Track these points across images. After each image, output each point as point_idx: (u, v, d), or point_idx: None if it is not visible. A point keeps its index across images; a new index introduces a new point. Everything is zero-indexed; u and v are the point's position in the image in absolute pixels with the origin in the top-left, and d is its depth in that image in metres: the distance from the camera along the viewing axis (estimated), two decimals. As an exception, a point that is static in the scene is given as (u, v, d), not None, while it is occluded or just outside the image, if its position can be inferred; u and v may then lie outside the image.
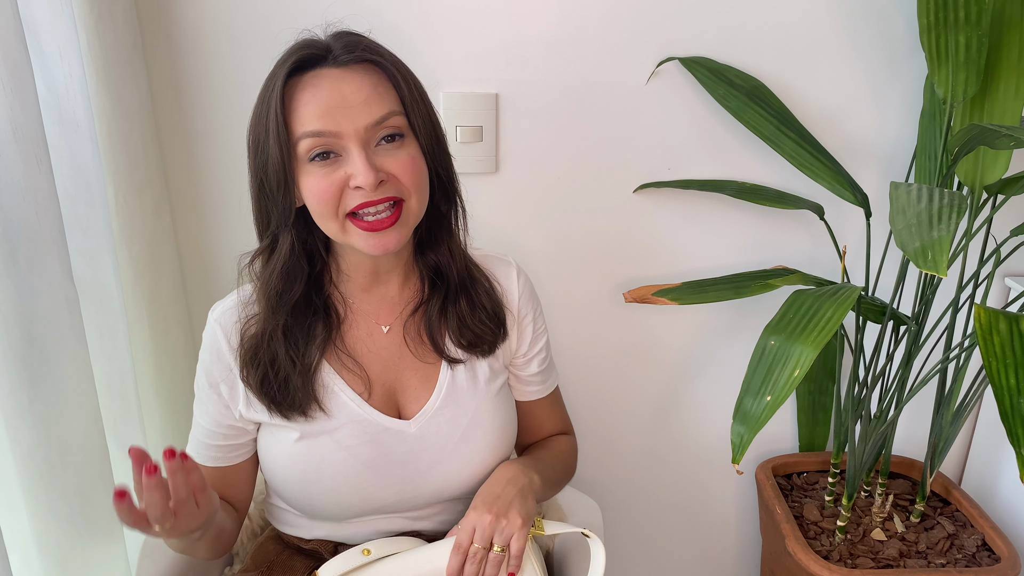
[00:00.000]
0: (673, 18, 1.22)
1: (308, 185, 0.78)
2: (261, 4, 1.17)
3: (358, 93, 0.77)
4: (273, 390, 0.84)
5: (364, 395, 0.88)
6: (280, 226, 0.81)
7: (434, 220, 0.89)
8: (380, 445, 0.88)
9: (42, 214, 0.84)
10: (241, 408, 0.88)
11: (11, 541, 0.89)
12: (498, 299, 0.93)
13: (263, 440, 0.91)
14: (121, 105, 1.05)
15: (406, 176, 0.79)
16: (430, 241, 0.90)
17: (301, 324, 0.85)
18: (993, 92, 1.11)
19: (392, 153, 0.79)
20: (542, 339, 0.99)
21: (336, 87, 0.77)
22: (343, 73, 0.78)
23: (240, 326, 0.86)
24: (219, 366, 0.87)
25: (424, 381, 0.91)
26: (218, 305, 0.89)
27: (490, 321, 0.91)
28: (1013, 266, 1.38)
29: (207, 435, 0.90)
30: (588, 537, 0.84)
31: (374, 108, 0.77)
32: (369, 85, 0.78)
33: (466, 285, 0.91)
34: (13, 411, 0.84)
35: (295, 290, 0.84)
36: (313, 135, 0.76)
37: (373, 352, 0.90)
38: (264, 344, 0.84)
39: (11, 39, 0.79)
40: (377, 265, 0.87)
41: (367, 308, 0.90)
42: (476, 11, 1.20)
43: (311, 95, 0.77)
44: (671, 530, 1.60)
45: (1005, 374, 0.85)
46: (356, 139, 0.76)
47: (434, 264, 0.90)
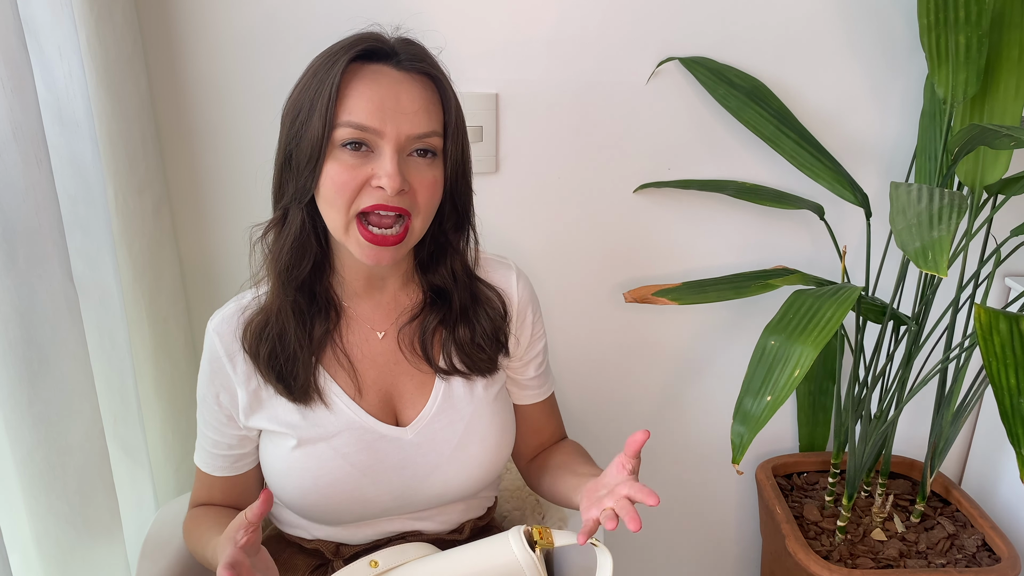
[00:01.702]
0: (673, 18, 1.22)
1: (332, 170, 0.78)
2: (261, 4, 1.17)
3: (413, 102, 0.78)
4: (280, 363, 0.85)
5: (355, 398, 0.88)
6: (293, 201, 0.81)
7: (439, 245, 0.89)
8: (377, 452, 0.88)
9: (42, 214, 0.84)
10: (241, 416, 0.88)
11: (11, 541, 0.89)
12: (500, 321, 0.92)
13: (262, 448, 0.91)
14: (121, 105, 1.05)
15: (424, 195, 0.80)
16: (432, 263, 0.89)
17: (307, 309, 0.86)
18: (993, 92, 1.11)
19: (420, 168, 0.79)
20: (539, 343, 0.98)
21: (394, 88, 0.77)
22: (404, 77, 0.79)
23: (244, 325, 0.87)
24: (218, 375, 0.87)
25: (420, 388, 0.90)
26: (217, 314, 0.89)
27: (489, 347, 0.91)
28: (1013, 266, 1.38)
29: (213, 445, 0.91)
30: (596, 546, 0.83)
31: (422, 121, 0.78)
32: (424, 98, 0.79)
33: (467, 311, 0.90)
34: (13, 411, 0.84)
35: (304, 266, 0.84)
36: (358, 127, 0.76)
37: (369, 358, 0.90)
38: (273, 318, 0.84)
39: (11, 39, 0.79)
40: (371, 270, 0.87)
41: (362, 313, 0.90)
42: (476, 11, 1.20)
43: (368, 87, 0.77)
44: (671, 530, 1.60)
45: (1005, 374, 0.85)
46: (394, 143, 0.77)
47: (437, 284, 0.90)
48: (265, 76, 1.20)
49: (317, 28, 1.18)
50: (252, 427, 0.89)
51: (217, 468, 0.92)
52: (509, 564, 0.81)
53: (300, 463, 0.86)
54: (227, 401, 0.88)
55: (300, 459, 0.86)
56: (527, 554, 0.81)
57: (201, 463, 0.94)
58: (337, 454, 0.86)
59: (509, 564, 0.81)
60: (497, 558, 0.82)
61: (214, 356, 0.87)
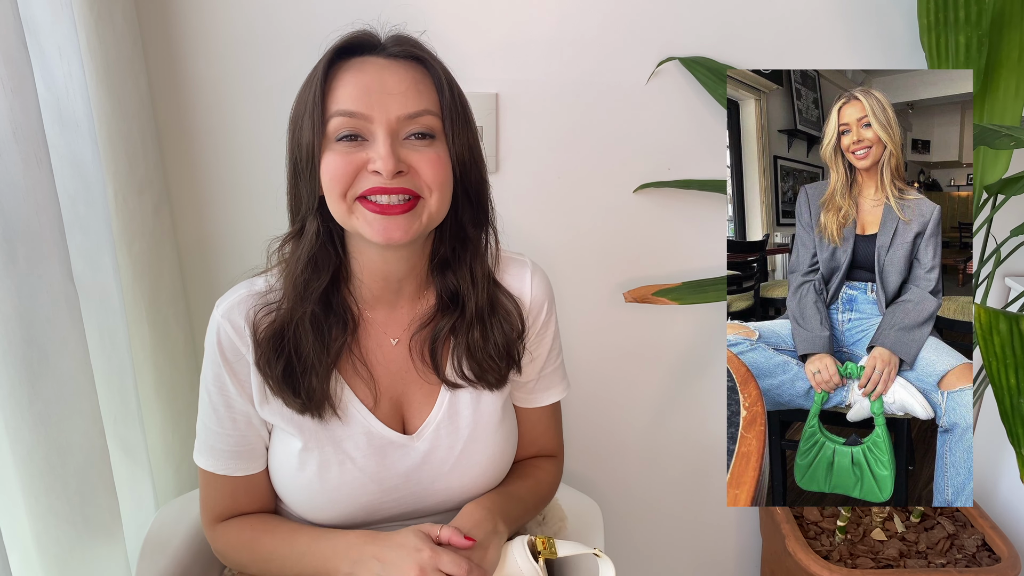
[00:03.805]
0: (673, 18, 1.22)
1: (327, 162, 0.77)
2: (261, 4, 1.17)
3: (399, 84, 0.77)
4: (295, 380, 0.82)
5: (370, 406, 0.87)
6: (308, 210, 0.80)
7: (459, 241, 0.86)
8: (384, 458, 0.87)
9: (42, 214, 0.84)
10: (257, 405, 0.85)
11: (11, 541, 0.89)
12: (515, 337, 0.90)
13: (271, 446, 0.89)
14: (121, 105, 1.05)
15: (428, 172, 0.78)
16: (452, 261, 0.87)
17: (324, 321, 0.84)
18: (993, 92, 1.11)
19: (418, 149, 0.78)
20: (544, 344, 0.96)
21: (378, 73, 0.77)
22: (389, 63, 0.79)
23: (255, 316, 0.83)
24: (238, 363, 0.84)
25: (427, 396, 0.90)
26: (223, 301, 0.85)
27: (499, 359, 0.88)
28: (1013, 266, 1.38)
29: (230, 442, 0.87)
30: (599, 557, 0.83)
31: (411, 101, 0.77)
32: (411, 79, 0.78)
33: (483, 316, 0.87)
34: (13, 411, 0.84)
35: (322, 279, 0.82)
36: (345, 114, 0.76)
37: (382, 364, 0.88)
38: (290, 332, 0.82)
39: (11, 39, 0.79)
40: (387, 266, 0.84)
41: (379, 319, 0.88)
42: (476, 11, 1.20)
43: (352, 77, 0.77)
44: (671, 530, 1.60)
45: (1005, 374, 0.85)
46: (385, 126, 0.76)
47: (452, 286, 0.87)
48: (265, 76, 1.20)
49: (317, 28, 1.18)
50: (266, 419, 0.86)
51: (235, 468, 0.87)
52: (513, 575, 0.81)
53: (307, 465, 0.86)
54: (248, 386, 0.85)
55: (307, 461, 0.85)
56: (530, 565, 0.81)
57: (214, 466, 0.87)
58: (346, 458, 0.86)
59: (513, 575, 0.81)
60: (501, 569, 0.82)
61: (229, 342, 0.83)
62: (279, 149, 0.84)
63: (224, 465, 0.87)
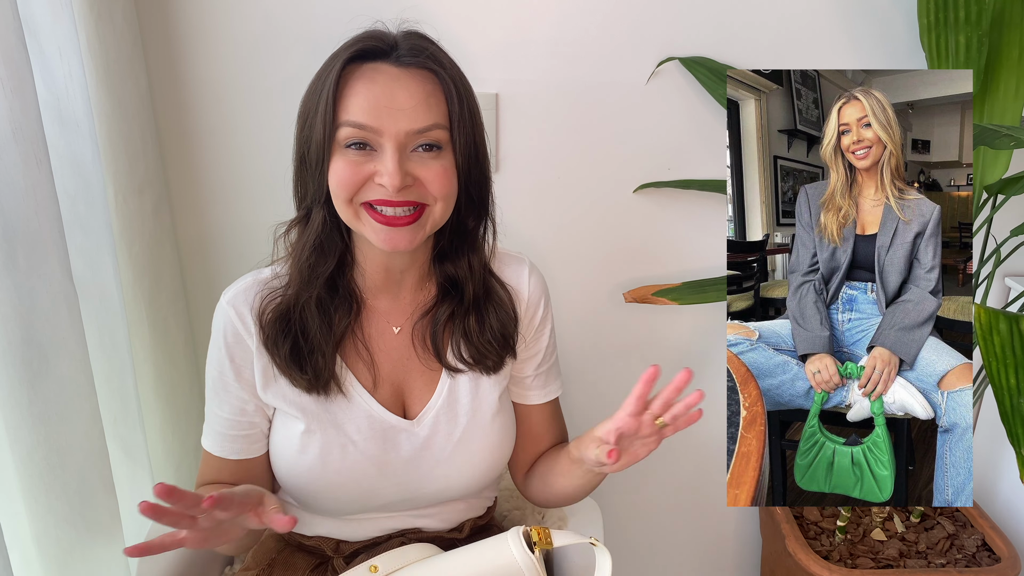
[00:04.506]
0: (673, 18, 1.22)
1: (336, 167, 0.79)
2: (261, 4, 1.17)
3: (409, 98, 0.78)
4: (302, 358, 0.84)
5: (370, 388, 0.89)
6: (315, 201, 0.82)
7: (459, 234, 0.89)
8: (385, 442, 0.88)
9: (42, 214, 0.84)
10: (260, 389, 0.87)
11: (11, 541, 0.89)
12: (509, 322, 0.92)
13: (273, 430, 0.91)
14: (121, 105, 1.05)
15: (435, 184, 0.80)
16: (451, 252, 0.89)
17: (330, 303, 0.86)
18: (993, 92, 1.11)
19: (425, 162, 0.79)
20: (541, 340, 0.98)
21: (389, 87, 0.78)
22: (401, 74, 0.79)
23: (261, 302, 0.86)
24: (238, 347, 0.86)
25: (428, 383, 0.91)
26: (230, 289, 0.88)
27: (496, 343, 0.91)
28: (1013, 266, 1.38)
29: (227, 425, 0.88)
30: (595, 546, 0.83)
31: (420, 116, 0.78)
32: (422, 93, 0.79)
33: (479, 302, 0.90)
34: (13, 411, 0.84)
35: (328, 263, 0.84)
36: (355, 126, 0.77)
37: (384, 351, 0.90)
38: (296, 314, 0.84)
39: (11, 39, 0.79)
40: (390, 262, 0.87)
41: (381, 307, 0.90)
42: (476, 11, 1.20)
43: (364, 87, 0.78)
44: (671, 530, 1.60)
45: (1005, 374, 0.85)
46: (394, 140, 0.77)
47: (451, 275, 0.90)
48: (265, 76, 1.20)
49: (317, 28, 1.18)
50: (268, 403, 0.88)
51: (230, 451, 0.89)
52: (508, 566, 0.81)
53: (309, 447, 0.86)
54: (248, 372, 0.87)
55: (309, 444, 0.86)
56: (526, 556, 0.81)
57: (212, 446, 0.90)
58: (348, 441, 0.87)
59: (508, 566, 0.81)
60: (496, 560, 0.82)
61: (231, 328, 0.86)
62: (279, 149, 0.85)
63: (221, 447, 0.89)
